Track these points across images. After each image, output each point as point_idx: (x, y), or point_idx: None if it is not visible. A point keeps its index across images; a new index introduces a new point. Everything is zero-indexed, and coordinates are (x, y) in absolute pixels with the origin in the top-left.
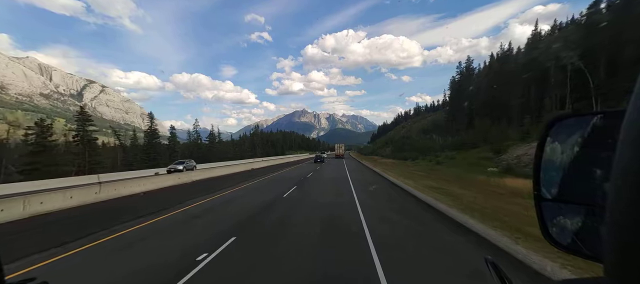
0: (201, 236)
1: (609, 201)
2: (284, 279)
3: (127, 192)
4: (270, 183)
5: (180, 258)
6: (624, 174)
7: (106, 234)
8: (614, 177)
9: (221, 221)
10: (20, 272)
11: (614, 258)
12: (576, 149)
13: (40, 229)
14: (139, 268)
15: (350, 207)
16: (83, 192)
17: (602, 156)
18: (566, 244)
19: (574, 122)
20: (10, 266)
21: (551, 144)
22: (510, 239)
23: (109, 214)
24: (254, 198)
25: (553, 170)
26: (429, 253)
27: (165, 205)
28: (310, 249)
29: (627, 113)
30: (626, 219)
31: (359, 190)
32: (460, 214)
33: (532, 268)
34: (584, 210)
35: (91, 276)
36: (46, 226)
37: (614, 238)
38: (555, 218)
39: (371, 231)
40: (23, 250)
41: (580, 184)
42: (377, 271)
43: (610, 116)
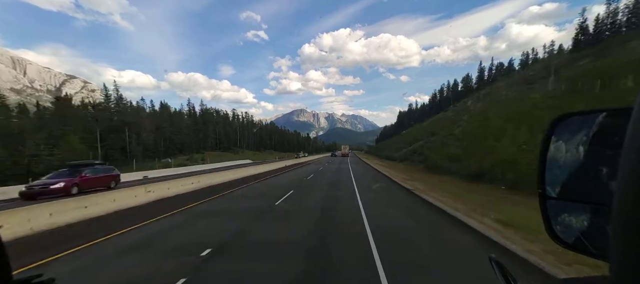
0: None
1: (615, 199)
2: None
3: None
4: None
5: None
6: (630, 173)
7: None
8: (620, 175)
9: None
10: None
11: (620, 257)
12: (581, 147)
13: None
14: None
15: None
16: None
17: (607, 154)
18: (571, 243)
19: (578, 120)
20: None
21: (555, 142)
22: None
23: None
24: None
25: (557, 168)
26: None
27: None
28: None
29: (634, 111)
30: (632, 218)
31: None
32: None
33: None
34: (589, 209)
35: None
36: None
37: (620, 236)
38: (560, 216)
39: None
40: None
41: (586, 182)
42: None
43: (616, 114)
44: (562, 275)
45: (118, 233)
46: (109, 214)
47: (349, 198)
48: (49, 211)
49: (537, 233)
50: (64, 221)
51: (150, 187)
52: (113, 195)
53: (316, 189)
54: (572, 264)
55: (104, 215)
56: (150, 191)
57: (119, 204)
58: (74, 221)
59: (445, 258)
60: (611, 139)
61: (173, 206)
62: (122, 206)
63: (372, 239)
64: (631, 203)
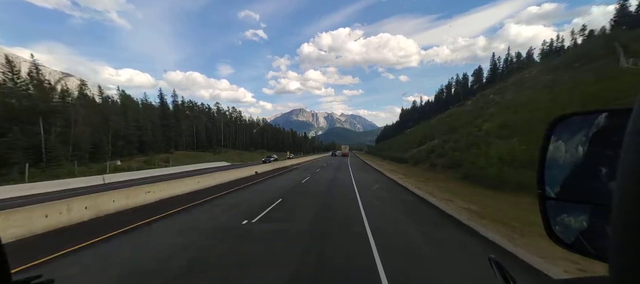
0: None
1: (614, 200)
2: None
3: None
4: None
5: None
6: (630, 173)
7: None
8: (620, 176)
9: None
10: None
11: (620, 258)
12: (581, 147)
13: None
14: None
15: None
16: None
17: (607, 155)
18: (570, 243)
19: (578, 120)
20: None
21: (555, 142)
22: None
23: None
24: None
25: (557, 169)
26: None
27: None
28: None
29: (634, 111)
30: (632, 219)
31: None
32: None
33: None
34: (588, 209)
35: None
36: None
37: (620, 237)
38: (559, 216)
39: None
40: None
41: (585, 183)
42: None
43: (616, 114)
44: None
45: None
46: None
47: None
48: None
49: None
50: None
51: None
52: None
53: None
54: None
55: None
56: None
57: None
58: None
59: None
60: (611, 139)
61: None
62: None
63: None
64: (631, 203)
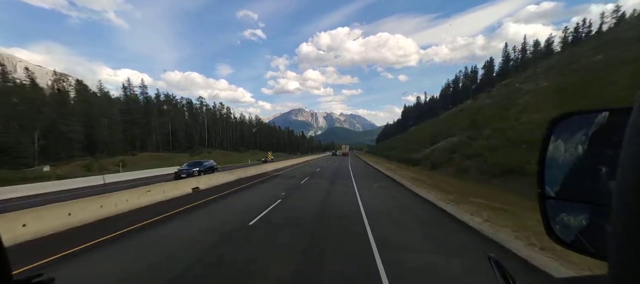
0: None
1: (614, 199)
2: None
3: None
4: None
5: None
6: (629, 173)
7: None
8: (620, 175)
9: None
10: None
11: (619, 257)
12: (580, 147)
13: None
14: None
15: None
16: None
17: (607, 154)
18: (570, 242)
19: (578, 120)
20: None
21: (555, 141)
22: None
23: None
24: None
25: (557, 168)
26: None
27: None
28: None
29: (634, 111)
30: (632, 218)
31: None
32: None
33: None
34: (588, 208)
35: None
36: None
37: (620, 236)
38: (559, 216)
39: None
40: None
41: (585, 182)
42: None
43: (616, 114)
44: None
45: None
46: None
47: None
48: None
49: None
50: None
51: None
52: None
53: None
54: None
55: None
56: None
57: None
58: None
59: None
60: (611, 139)
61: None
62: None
63: None
64: (631, 203)
